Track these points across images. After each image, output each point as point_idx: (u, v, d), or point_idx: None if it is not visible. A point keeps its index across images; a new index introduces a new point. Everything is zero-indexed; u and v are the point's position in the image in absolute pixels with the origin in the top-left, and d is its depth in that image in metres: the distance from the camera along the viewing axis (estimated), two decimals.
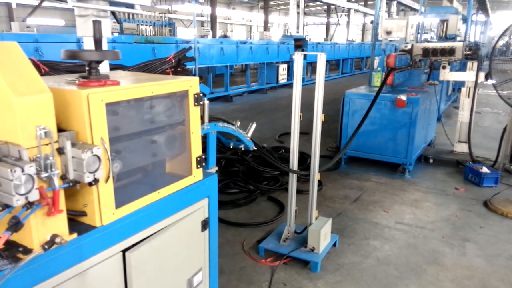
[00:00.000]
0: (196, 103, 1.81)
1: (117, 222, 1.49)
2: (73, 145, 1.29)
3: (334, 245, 3.77)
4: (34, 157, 1.18)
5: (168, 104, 1.76)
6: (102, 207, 1.43)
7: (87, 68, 1.66)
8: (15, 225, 1.09)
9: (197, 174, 1.89)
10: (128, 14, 14.29)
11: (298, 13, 23.66)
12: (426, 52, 6.13)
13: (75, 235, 1.36)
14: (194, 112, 1.81)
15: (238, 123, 2.53)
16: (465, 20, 12.03)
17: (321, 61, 3.34)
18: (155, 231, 1.69)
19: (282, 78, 14.47)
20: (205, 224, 1.98)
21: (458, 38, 9.89)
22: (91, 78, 1.58)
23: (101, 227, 1.44)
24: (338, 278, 3.32)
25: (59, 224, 1.29)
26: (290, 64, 14.99)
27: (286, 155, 5.97)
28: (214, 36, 27.53)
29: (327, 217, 3.74)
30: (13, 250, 1.21)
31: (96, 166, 1.29)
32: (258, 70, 13.56)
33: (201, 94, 1.83)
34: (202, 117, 2.11)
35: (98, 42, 1.67)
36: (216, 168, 2.14)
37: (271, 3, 43.12)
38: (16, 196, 1.08)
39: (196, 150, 1.86)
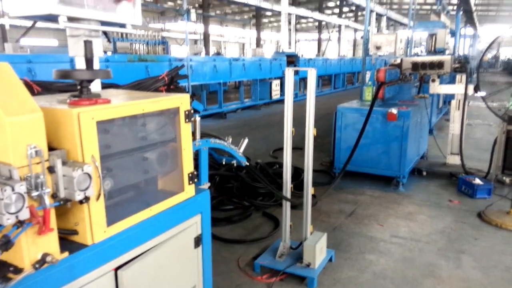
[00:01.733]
0: (187, 120, 1.83)
1: (108, 240, 1.49)
2: (64, 163, 1.29)
3: (330, 260, 3.75)
4: (25, 176, 1.18)
5: (160, 121, 1.77)
6: (93, 225, 1.42)
7: (78, 87, 1.68)
8: (5, 244, 1.08)
9: (189, 190, 1.89)
10: (121, 33, 14.41)
11: (289, 29, 24.01)
12: (416, 66, 6.23)
13: (66, 253, 1.35)
14: (185, 129, 1.83)
15: (230, 139, 2.54)
16: (453, 34, 12.28)
17: (311, 76, 3.38)
18: (147, 248, 1.68)
19: (276, 94, 14.58)
20: (198, 241, 1.97)
21: (447, 52, 10.09)
22: (82, 97, 1.60)
23: (92, 246, 1.43)
24: None
25: (50, 243, 1.28)
26: (282, 80, 15.11)
27: (281, 170, 5.96)
28: (207, 53, 27.80)
29: (322, 232, 3.73)
30: (4, 270, 1.20)
31: (87, 184, 1.30)
32: (251, 87, 13.67)
33: (192, 111, 1.85)
34: (193, 134, 2.12)
35: (89, 61, 1.69)
36: (209, 184, 2.14)
37: (263, 20, 43.74)
38: (6, 215, 1.08)
39: (188, 166, 1.86)
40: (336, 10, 37.78)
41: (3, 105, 1.16)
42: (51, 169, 1.27)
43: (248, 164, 2.65)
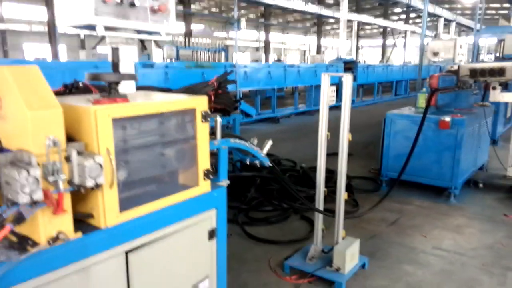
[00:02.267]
0: (203, 120, 1.95)
1: (121, 225, 1.65)
2: (80, 153, 1.47)
3: (363, 266, 3.70)
4: (43, 163, 1.37)
5: (177, 120, 1.92)
6: (107, 210, 1.59)
7: (108, 88, 1.87)
8: (18, 219, 1.27)
9: (204, 185, 2.01)
10: (185, 41, 15.17)
11: (351, 36, 23.67)
12: (474, 72, 5.90)
13: (80, 233, 1.52)
14: (202, 128, 1.96)
15: (256, 141, 2.63)
16: None
17: (347, 82, 3.38)
18: (160, 236, 1.82)
19: (331, 100, 14.42)
20: (212, 234, 2.09)
21: None
22: (110, 97, 1.78)
23: (105, 229, 1.60)
24: None
25: (64, 223, 1.46)
26: (339, 87, 14.93)
27: (327, 176, 5.94)
28: (267, 60, 28.21)
29: (355, 238, 3.68)
30: (24, 243, 1.39)
31: (98, 172, 1.46)
32: (306, 93, 13.66)
33: (209, 112, 1.97)
34: (214, 133, 2.24)
35: (116, 65, 1.88)
36: (228, 182, 2.25)
37: (326, 27, 43.42)
38: (21, 194, 1.26)
39: (204, 163, 1.99)
40: (403, 16, 36.44)
41: (27, 100, 1.35)
42: (67, 159, 1.45)
43: (271, 165, 2.72)
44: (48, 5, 14.73)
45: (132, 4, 2.06)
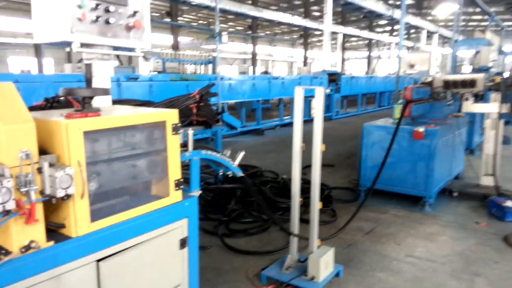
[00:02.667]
0: (174, 132, 2.06)
1: (91, 234, 1.73)
2: (51, 165, 1.56)
3: (338, 275, 3.80)
4: (16, 174, 1.46)
5: (148, 132, 2.02)
6: (78, 220, 1.67)
7: (82, 102, 1.97)
8: None
9: (175, 195, 2.11)
10: (171, 54, 15.30)
11: (336, 48, 24.09)
12: (447, 84, 6.14)
13: (52, 242, 1.61)
14: (173, 140, 2.06)
15: (229, 153, 2.74)
16: (502, 51, 11.79)
17: (319, 95, 3.53)
18: (131, 245, 1.90)
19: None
20: (183, 243, 2.18)
21: (492, 70, 9.73)
22: (83, 111, 1.88)
23: (76, 238, 1.68)
24: None
25: (36, 232, 1.55)
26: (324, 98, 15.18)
27: (304, 186, 6.06)
28: (254, 72, 28.46)
29: (330, 247, 3.79)
30: None
31: (68, 183, 1.55)
32: (290, 104, 13.85)
33: (179, 124, 2.07)
34: (186, 145, 2.35)
35: (89, 81, 1.99)
36: (200, 192, 2.35)
37: (313, 39, 44.09)
38: None
39: (175, 174, 2.09)
40: (388, 28, 37.21)
41: (1, 115, 1.44)
42: (39, 170, 1.54)
43: (242, 175, 2.82)
44: None
45: (107, 22, 2.17)
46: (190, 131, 2.34)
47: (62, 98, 2.85)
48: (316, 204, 3.72)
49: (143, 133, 1.99)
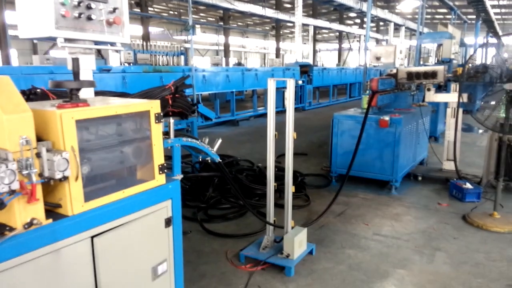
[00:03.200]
0: (157, 121, 2.24)
1: (86, 213, 1.90)
2: (48, 150, 1.72)
3: (311, 253, 4.08)
4: (17, 159, 1.61)
5: (133, 121, 2.19)
6: (73, 200, 1.84)
7: (69, 94, 2.11)
8: (0, 204, 1.51)
9: (160, 179, 2.29)
10: (142, 45, 15.19)
11: (308, 40, 24.46)
12: (410, 75, 6.50)
13: (50, 220, 1.77)
14: (156, 128, 2.24)
15: (207, 140, 2.94)
16: (463, 44, 12.37)
17: (290, 86, 3.76)
18: (121, 223, 2.08)
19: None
20: (168, 222, 2.37)
21: (454, 61, 10.24)
22: (71, 102, 2.03)
23: (72, 216, 1.85)
24: (309, 281, 3.62)
25: (37, 210, 1.71)
26: (297, 89, 15.49)
27: (278, 174, 6.32)
28: (227, 64, 28.48)
29: (303, 227, 4.06)
30: (2, 229, 1.63)
31: (65, 166, 1.72)
32: (264, 96, 14.09)
33: (161, 114, 2.25)
34: (168, 133, 2.53)
35: (76, 74, 2.13)
36: (181, 176, 2.54)
37: (285, 31, 44.38)
38: (1, 185, 1.50)
39: (158, 159, 2.27)
40: (358, 20, 37.91)
41: (2, 106, 1.59)
42: (38, 155, 1.69)
43: (220, 161, 3.03)
44: None
45: (89, 18, 2.32)
46: (171, 120, 2.52)
47: (38, 90, 2.96)
48: (289, 187, 3.97)
49: (129, 121, 2.16)
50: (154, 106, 2.22)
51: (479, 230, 4.65)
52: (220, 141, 3.01)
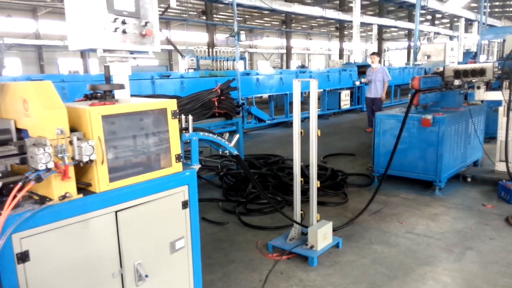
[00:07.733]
0: (173, 117, 2.61)
1: (110, 191, 2.31)
2: (79, 139, 2.16)
3: (338, 246, 4.24)
4: (54, 145, 2.06)
5: (153, 117, 2.58)
6: (100, 180, 2.26)
7: (103, 95, 2.57)
8: (37, 179, 1.96)
9: (177, 167, 2.66)
10: (208, 51, 16.03)
11: (377, 39, 23.93)
12: (457, 73, 6.35)
13: (81, 195, 2.20)
14: (172, 123, 2.61)
15: (227, 135, 3.27)
16: None
17: (313, 86, 3.98)
18: (141, 202, 2.48)
19: (345, 104, 14.87)
20: (185, 204, 2.73)
21: None
22: (104, 101, 2.47)
23: (99, 193, 2.27)
24: (330, 271, 3.80)
25: (70, 186, 2.15)
26: (353, 90, 15.36)
27: (320, 173, 6.49)
28: (288, 66, 28.75)
29: (328, 221, 4.24)
30: (43, 200, 2.09)
31: (91, 152, 2.14)
32: (320, 97, 14.18)
33: (177, 111, 2.63)
34: (187, 128, 2.90)
35: (107, 79, 2.58)
36: (199, 166, 2.89)
37: (350, 31, 43.69)
38: (40, 164, 1.95)
39: (175, 149, 2.64)
40: (430, 17, 36.20)
41: (43, 104, 2.05)
42: (71, 142, 2.14)
43: (237, 153, 3.34)
44: None
45: (124, 32, 2.75)
46: (190, 117, 2.89)
47: (99, 94, 3.50)
48: (314, 182, 4.18)
49: (150, 117, 2.56)
50: (171, 104, 2.60)
51: None
52: (237, 136, 3.33)
